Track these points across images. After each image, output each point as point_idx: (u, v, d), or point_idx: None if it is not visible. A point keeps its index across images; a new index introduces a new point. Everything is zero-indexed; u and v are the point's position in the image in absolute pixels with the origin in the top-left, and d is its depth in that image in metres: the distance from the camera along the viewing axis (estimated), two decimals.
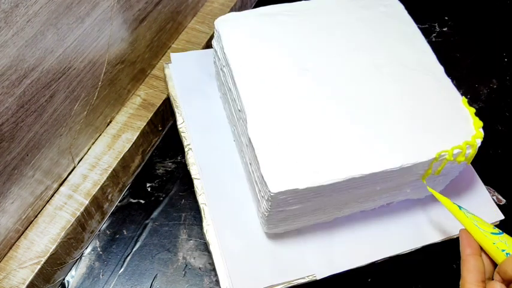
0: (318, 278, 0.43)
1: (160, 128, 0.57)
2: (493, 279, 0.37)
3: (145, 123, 0.53)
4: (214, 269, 0.48)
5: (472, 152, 0.41)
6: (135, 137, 0.52)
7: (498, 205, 0.50)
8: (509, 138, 0.59)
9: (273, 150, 0.39)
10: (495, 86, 0.64)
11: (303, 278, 0.43)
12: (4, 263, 0.43)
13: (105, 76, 0.48)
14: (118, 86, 0.51)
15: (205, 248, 0.50)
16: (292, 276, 0.43)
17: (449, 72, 0.46)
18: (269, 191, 0.37)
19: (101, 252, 0.50)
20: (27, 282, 0.42)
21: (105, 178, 0.49)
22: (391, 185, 0.42)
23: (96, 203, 0.49)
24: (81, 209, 0.47)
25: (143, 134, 0.53)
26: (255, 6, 0.72)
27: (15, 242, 0.45)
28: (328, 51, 0.46)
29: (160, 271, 0.48)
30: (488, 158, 0.57)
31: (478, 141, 0.41)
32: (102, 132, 0.52)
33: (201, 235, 0.51)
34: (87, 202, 0.47)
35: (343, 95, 0.43)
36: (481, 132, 0.41)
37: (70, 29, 0.40)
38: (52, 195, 0.47)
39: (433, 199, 0.48)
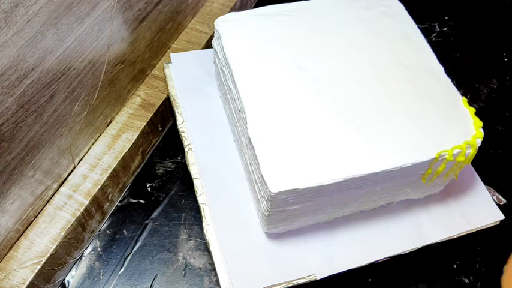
0: (318, 278, 0.43)
1: (160, 128, 0.57)
2: None
3: (145, 123, 0.53)
4: (214, 269, 0.48)
5: (472, 151, 0.41)
6: (135, 137, 0.52)
7: (498, 205, 0.50)
8: (509, 138, 0.59)
9: (273, 150, 0.39)
10: (495, 86, 0.64)
11: (303, 278, 0.43)
12: (4, 263, 0.43)
13: (105, 76, 0.48)
14: (118, 86, 0.51)
15: (205, 248, 0.50)
16: (292, 276, 0.43)
17: (449, 72, 0.46)
18: (269, 191, 0.37)
19: (101, 252, 0.50)
20: (27, 282, 0.42)
21: (105, 178, 0.49)
22: (391, 185, 0.42)
23: (96, 203, 0.49)
24: (81, 209, 0.47)
25: (143, 134, 0.53)
26: (255, 6, 0.72)
27: (15, 242, 0.45)
28: (328, 51, 0.46)
29: (161, 271, 0.48)
30: (488, 158, 0.57)
31: (478, 141, 0.41)
32: (102, 132, 0.52)
33: (201, 235, 0.51)
34: (87, 202, 0.47)
35: (343, 95, 0.43)
36: (481, 132, 0.41)
37: (70, 29, 0.40)
38: (52, 195, 0.47)
39: (433, 199, 0.48)
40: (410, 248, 0.46)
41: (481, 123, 0.41)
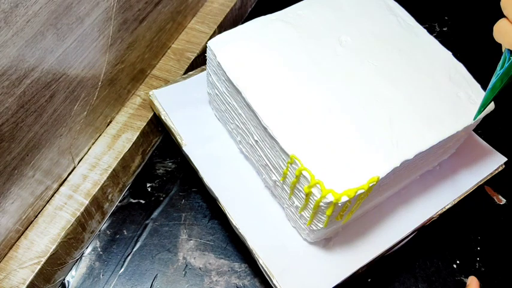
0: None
1: (160, 128, 0.57)
2: None
3: (145, 123, 0.53)
4: (214, 269, 0.49)
5: None
6: (135, 137, 0.52)
7: (498, 205, 0.50)
8: (510, 138, 0.59)
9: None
10: None
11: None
12: (4, 263, 0.43)
13: (105, 76, 0.48)
14: (118, 86, 0.51)
15: (205, 248, 0.50)
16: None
17: None
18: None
19: (101, 252, 0.50)
20: (27, 282, 0.42)
21: (105, 178, 0.49)
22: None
23: (96, 203, 0.49)
24: (81, 209, 0.47)
25: (143, 134, 0.53)
26: (255, 7, 0.72)
27: (15, 242, 0.45)
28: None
29: (161, 271, 0.48)
30: None
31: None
32: (102, 132, 0.52)
33: (201, 235, 0.51)
34: (87, 202, 0.47)
35: (353, 93, 0.43)
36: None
37: (70, 29, 0.40)
38: (52, 196, 0.47)
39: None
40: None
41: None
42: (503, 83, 0.35)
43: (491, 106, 0.43)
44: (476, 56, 0.67)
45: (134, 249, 0.50)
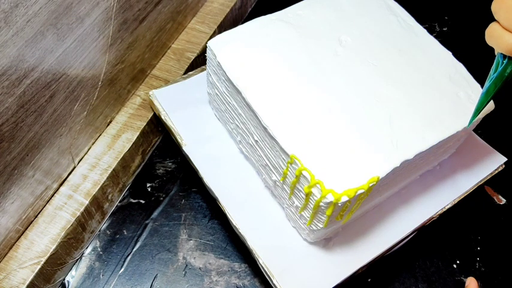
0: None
1: (160, 128, 0.57)
2: None
3: (145, 123, 0.53)
4: (214, 269, 0.49)
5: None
6: (135, 137, 0.52)
7: (498, 205, 0.50)
8: (510, 138, 0.59)
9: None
10: None
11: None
12: (4, 263, 0.43)
13: (105, 76, 0.48)
14: (118, 86, 0.51)
15: (205, 248, 0.50)
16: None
17: None
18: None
19: (101, 252, 0.50)
20: (27, 282, 0.42)
21: (105, 178, 0.49)
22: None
23: (96, 203, 0.49)
24: (81, 209, 0.47)
25: (143, 134, 0.53)
26: (255, 7, 0.72)
27: (15, 242, 0.45)
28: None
29: (161, 271, 0.48)
30: None
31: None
32: (102, 132, 0.52)
33: (201, 235, 0.51)
34: (87, 202, 0.47)
35: (354, 93, 0.43)
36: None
37: (70, 29, 0.40)
38: (52, 195, 0.47)
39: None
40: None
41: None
42: (497, 87, 0.35)
43: (491, 106, 0.43)
44: (476, 56, 0.67)
45: (134, 249, 0.50)
